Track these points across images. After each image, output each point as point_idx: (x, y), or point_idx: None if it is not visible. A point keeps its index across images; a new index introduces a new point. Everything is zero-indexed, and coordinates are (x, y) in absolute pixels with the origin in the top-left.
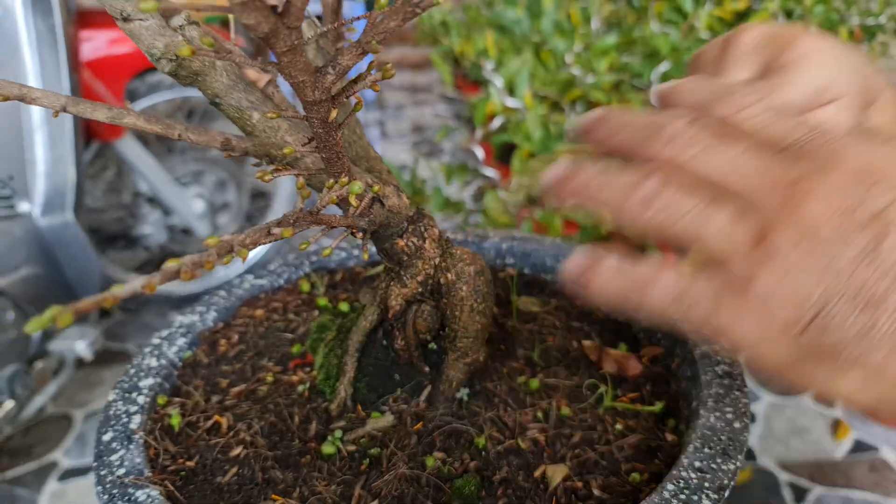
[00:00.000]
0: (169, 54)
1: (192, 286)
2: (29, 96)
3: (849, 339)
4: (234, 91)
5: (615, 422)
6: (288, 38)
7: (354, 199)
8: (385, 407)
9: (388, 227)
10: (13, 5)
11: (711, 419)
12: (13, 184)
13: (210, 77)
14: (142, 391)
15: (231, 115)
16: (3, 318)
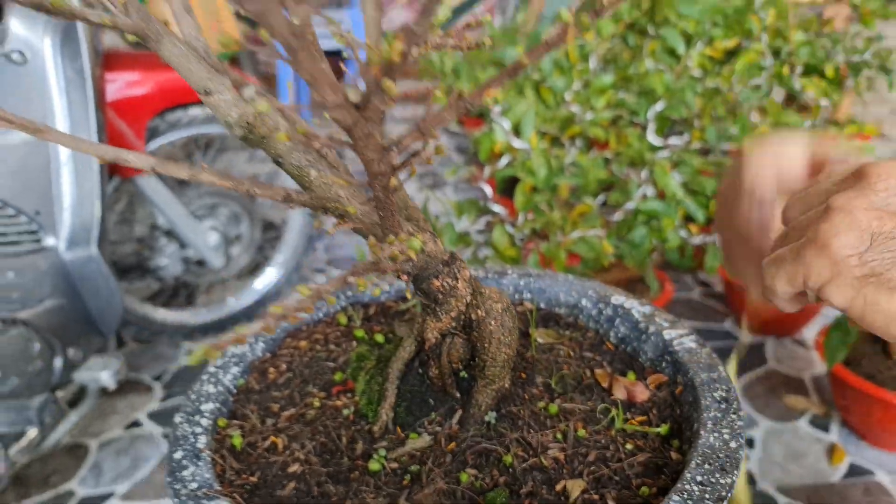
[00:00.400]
0: (241, 122)
1: (204, 317)
2: (121, 157)
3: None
4: (294, 152)
5: (626, 442)
6: (365, 128)
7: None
8: (422, 429)
9: (426, 270)
10: (42, 47)
11: (711, 439)
12: (40, 218)
13: (274, 141)
14: (203, 414)
15: (291, 172)
16: (29, 349)
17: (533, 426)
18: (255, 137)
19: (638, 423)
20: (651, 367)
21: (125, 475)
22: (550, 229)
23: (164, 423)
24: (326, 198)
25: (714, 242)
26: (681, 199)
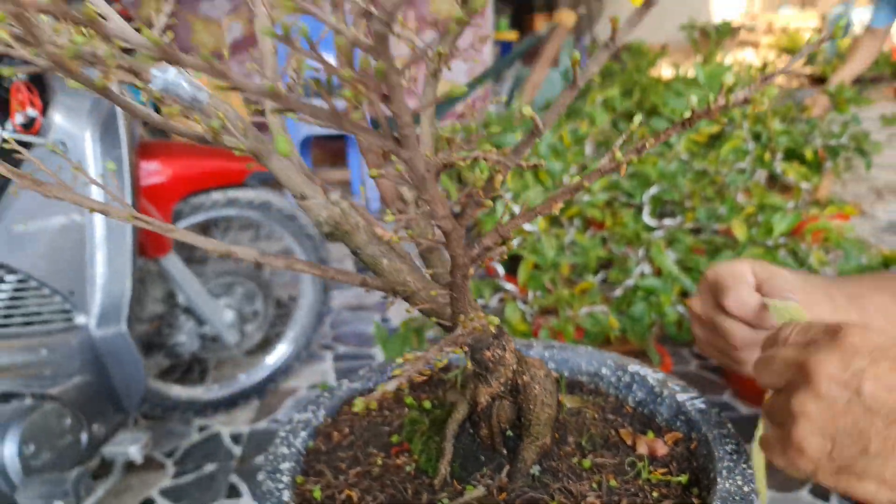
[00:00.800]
0: (329, 221)
1: (216, 393)
2: (231, 252)
3: (855, 458)
4: (370, 245)
5: (652, 490)
6: (460, 232)
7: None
8: (475, 482)
9: (480, 342)
10: (83, 138)
11: (727, 485)
12: (73, 298)
13: (355, 236)
14: (283, 472)
15: (367, 261)
16: (61, 425)
17: (571, 477)
18: (339, 233)
19: (661, 474)
20: (667, 426)
21: None
22: (560, 305)
23: (176, 499)
24: (396, 282)
25: None
26: (676, 275)
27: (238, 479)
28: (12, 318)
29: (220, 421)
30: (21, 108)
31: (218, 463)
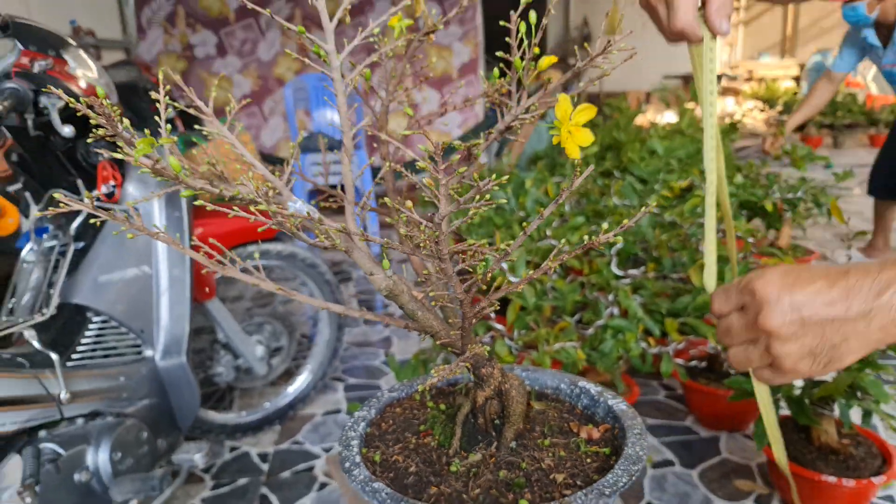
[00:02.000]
0: (387, 289)
1: (245, 418)
2: (344, 311)
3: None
4: (411, 302)
5: (587, 458)
6: (469, 302)
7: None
8: (475, 451)
9: (478, 363)
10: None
11: (629, 451)
12: (143, 335)
13: (401, 297)
14: (353, 447)
15: (408, 312)
16: (139, 437)
17: (536, 450)
18: (391, 296)
19: (593, 449)
20: (601, 420)
21: None
22: (539, 341)
23: None
24: (426, 326)
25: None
26: (641, 317)
27: (268, 491)
28: (96, 351)
29: (247, 442)
30: (105, 181)
31: (249, 477)
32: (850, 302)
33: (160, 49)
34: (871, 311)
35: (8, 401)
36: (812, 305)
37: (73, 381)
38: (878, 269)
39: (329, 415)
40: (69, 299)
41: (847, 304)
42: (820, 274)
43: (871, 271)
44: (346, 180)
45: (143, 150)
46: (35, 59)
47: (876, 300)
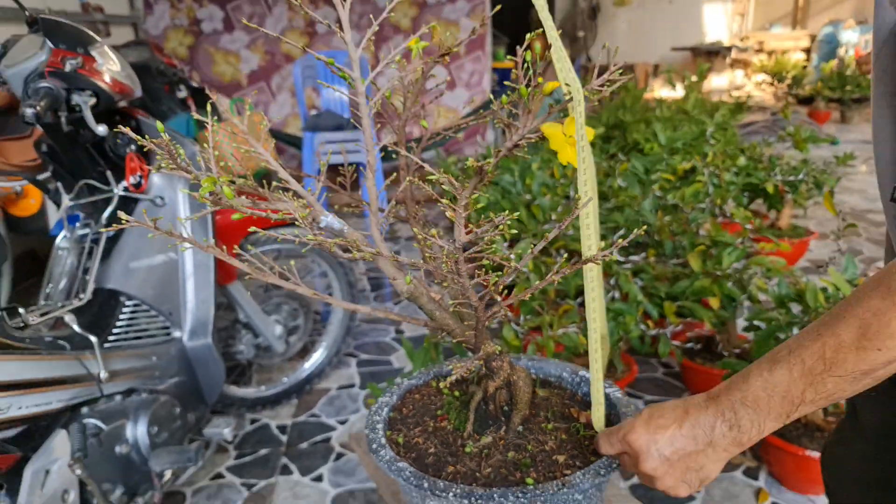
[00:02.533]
0: (408, 292)
1: (264, 392)
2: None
3: (695, 470)
4: (430, 303)
5: (584, 440)
6: (483, 307)
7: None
8: (487, 434)
9: (490, 357)
10: (176, 194)
11: None
12: (172, 317)
13: (421, 299)
14: (378, 430)
15: (428, 313)
16: (173, 412)
17: (540, 432)
18: (412, 298)
19: (591, 433)
20: None
21: None
22: (543, 326)
23: (240, 475)
24: (444, 325)
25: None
26: (640, 300)
27: (288, 461)
28: (129, 333)
29: (267, 415)
30: (132, 172)
31: (270, 448)
32: (696, 439)
33: (167, 24)
34: (711, 441)
35: (54, 381)
36: (671, 447)
37: (110, 361)
38: (706, 405)
39: (343, 389)
40: (103, 284)
41: (694, 441)
42: (672, 418)
43: (704, 407)
44: (371, 194)
45: (207, 188)
46: (66, 57)
47: (712, 433)
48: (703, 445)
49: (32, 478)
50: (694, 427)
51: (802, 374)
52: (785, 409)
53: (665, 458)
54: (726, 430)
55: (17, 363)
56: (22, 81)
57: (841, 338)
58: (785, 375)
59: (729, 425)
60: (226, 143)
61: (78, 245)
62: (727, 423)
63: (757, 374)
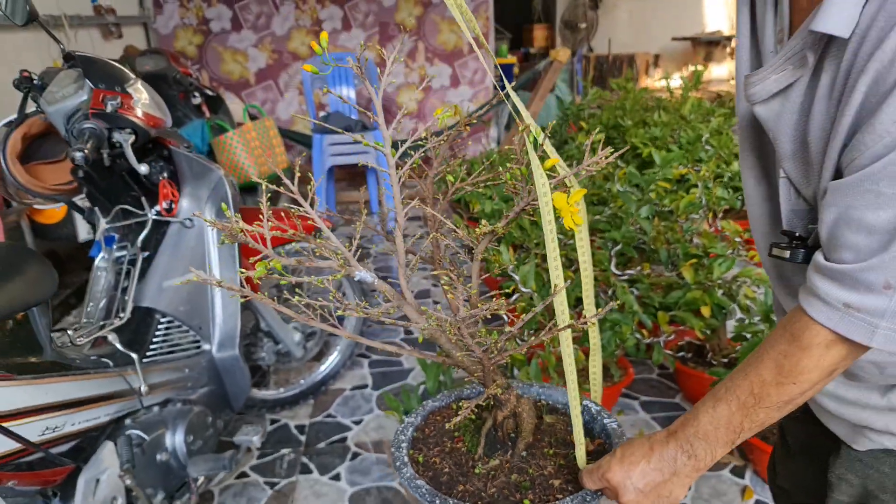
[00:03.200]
0: (427, 333)
1: (283, 394)
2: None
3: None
4: (447, 344)
5: None
6: (488, 357)
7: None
8: (495, 457)
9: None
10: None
11: None
12: (201, 331)
13: (439, 339)
14: (402, 448)
15: (445, 350)
16: (206, 421)
17: (542, 458)
18: (432, 339)
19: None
20: (597, 436)
21: None
22: (545, 343)
23: (263, 474)
24: (459, 363)
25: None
26: (636, 311)
27: (307, 460)
28: (164, 347)
29: (286, 416)
30: (165, 198)
31: (290, 446)
32: (663, 470)
33: (177, 23)
34: (675, 471)
35: (101, 397)
36: (643, 480)
37: (149, 376)
38: (667, 440)
39: (357, 389)
40: (139, 303)
41: (661, 472)
42: (641, 454)
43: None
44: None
45: (260, 272)
46: (106, 97)
47: (675, 464)
48: (668, 475)
49: (85, 487)
50: (660, 460)
51: (739, 408)
52: (730, 437)
53: (639, 490)
54: (686, 459)
55: (72, 383)
56: (63, 118)
57: (763, 377)
58: (725, 410)
59: (688, 456)
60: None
61: (115, 266)
62: (686, 454)
63: (704, 412)
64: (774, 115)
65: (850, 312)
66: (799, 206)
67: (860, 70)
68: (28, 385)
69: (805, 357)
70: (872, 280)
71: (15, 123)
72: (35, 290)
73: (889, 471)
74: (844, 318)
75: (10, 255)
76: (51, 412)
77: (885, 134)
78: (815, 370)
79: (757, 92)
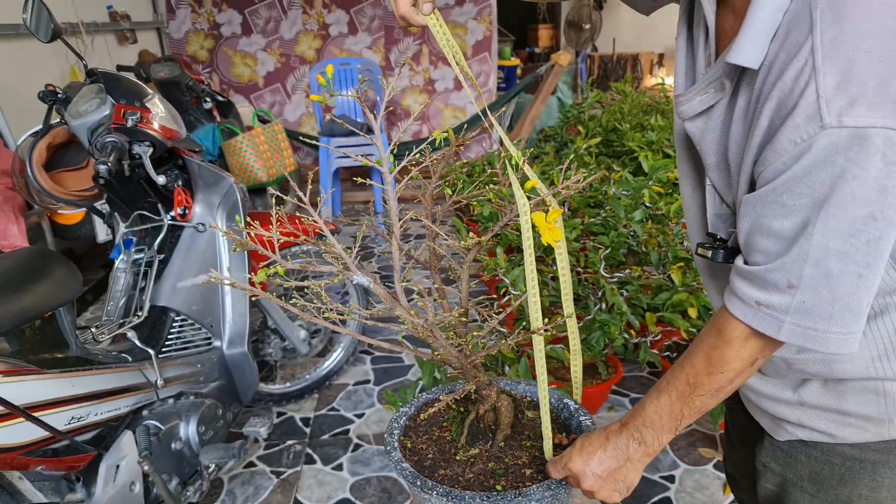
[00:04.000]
0: (420, 332)
1: (288, 388)
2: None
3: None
4: (437, 343)
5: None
6: (466, 357)
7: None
8: (475, 446)
9: (480, 386)
10: (216, 219)
11: None
12: (212, 329)
13: (434, 344)
14: (394, 434)
15: (432, 347)
16: (217, 413)
17: (518, 449)
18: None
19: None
20: (573, 431)
21: (252, 498)
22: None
23: (271, 463)
24: (445, 358)
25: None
26: (624, 311)
27: (311, 451)
28: (178, 344)
29: (291, 409)
30: (179, 204)
31: (295, 439)
32: (617, 457)
33: (188, 28)
34: (628, 457)
35: (121, 390)
36: (600, 467)
37: (164, 370)
38: (619, 430)
39: (359, 384)
40: (156, 302)
41: (616, 459)
42: (598, 444)
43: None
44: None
45: (261, 277)
46: (127, 112)
47: (627, 451)
48: (623, 461)
49: (106, 472)
50: (615, 449)
51: (678, 397)
52: (672, 423)
53: (598, 476)
54: (637, 446)
55: (95, 377)
56: (86, 131)
57: (696, 367)
58: (667, 400)
59: (638, 442)
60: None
61: (133, 268)
62: (636, 441)
63: (649, 402)
64: (699, 132)
65: (761, 309)
66: (723, 211)
67: (766, 96)
68: (56, 379)
69: (728, 349)
70: (778, 280)
71: (41, 134)
72: (62, 292)
73: (805, 460)
74: (756, 314)
75: (38, 260)
76: (76, 403)
77: (784, 152)
78: (736, 360)
79: (685, 110)
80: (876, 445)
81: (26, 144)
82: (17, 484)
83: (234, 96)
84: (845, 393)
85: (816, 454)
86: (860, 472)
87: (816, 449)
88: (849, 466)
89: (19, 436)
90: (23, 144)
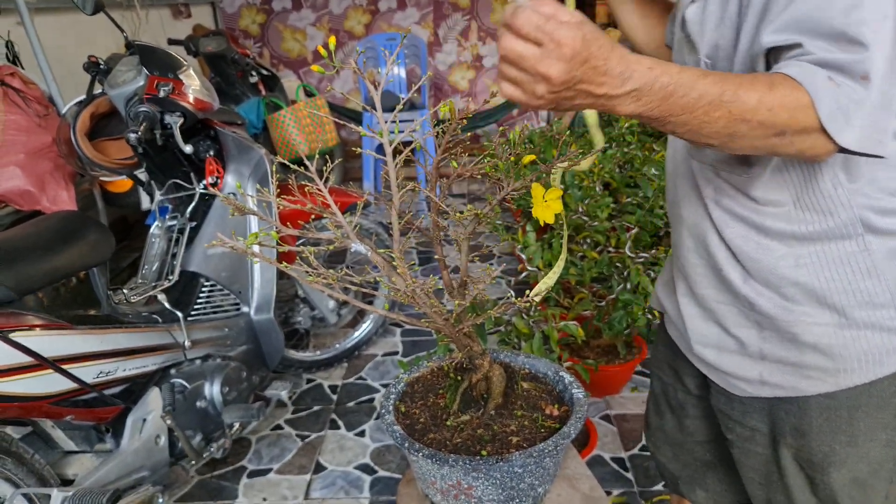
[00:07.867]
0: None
1: (318, 356)
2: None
3: (591, 73)
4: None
5: (540, 428)
6: (460, 332)
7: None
8: (467, 413)
9: (472, 356)
10: (246, 188)
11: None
12: (241, 295)
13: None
14: (391, 398)
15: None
16: (241, 375)
17: (509, 418)
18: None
19: (550, 422)
20: (566, 403)
21: (277, 458)
22: (548, 319)
23: (296, 427)
24: (435, 326)
25: None
26: (650, 293)
27: (336, 417)
28: (207, 308)
29: (321, 376)
30: (210, 174)
31: (322, 405)
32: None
33: (242, 2)
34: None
35: (149, 348)
36: (593, 35)
37: (192, 332)
38: (623, 52)
39: (388, 356)
40: (187, 267)
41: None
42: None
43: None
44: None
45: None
46: (159, 83)
47: (605, 57)
48: (608, 52)
49: (133, 425)
50: (604, 48)
51: (702, 91)
52: (661, 94)
53: (583, 38)
54: (614, 65)
55: (123, 335)
56: (123, 101)
57: (742, 97)
58: (688, 79)
59: (618, 68)
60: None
61: (167, 234)
62: (620, 67)
63: (673, 66)
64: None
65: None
66: None
67: None
68: (85, 335)
69: (776, 99)
70: (856, 69)
71: (84, 103)
72: (94, 254)
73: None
74: (827, 87)
75: (73, 223)
76: (104, 359)
77: None
78: (779, 112)
79: None
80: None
81: (71, 113)
82: (49, 432)
83: (283, 71)
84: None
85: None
86: (837, 422)
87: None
88: (826, 417)
89: (48, 386)
90: (67, 113)
